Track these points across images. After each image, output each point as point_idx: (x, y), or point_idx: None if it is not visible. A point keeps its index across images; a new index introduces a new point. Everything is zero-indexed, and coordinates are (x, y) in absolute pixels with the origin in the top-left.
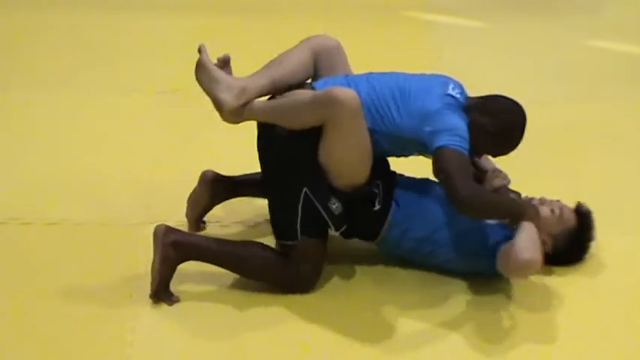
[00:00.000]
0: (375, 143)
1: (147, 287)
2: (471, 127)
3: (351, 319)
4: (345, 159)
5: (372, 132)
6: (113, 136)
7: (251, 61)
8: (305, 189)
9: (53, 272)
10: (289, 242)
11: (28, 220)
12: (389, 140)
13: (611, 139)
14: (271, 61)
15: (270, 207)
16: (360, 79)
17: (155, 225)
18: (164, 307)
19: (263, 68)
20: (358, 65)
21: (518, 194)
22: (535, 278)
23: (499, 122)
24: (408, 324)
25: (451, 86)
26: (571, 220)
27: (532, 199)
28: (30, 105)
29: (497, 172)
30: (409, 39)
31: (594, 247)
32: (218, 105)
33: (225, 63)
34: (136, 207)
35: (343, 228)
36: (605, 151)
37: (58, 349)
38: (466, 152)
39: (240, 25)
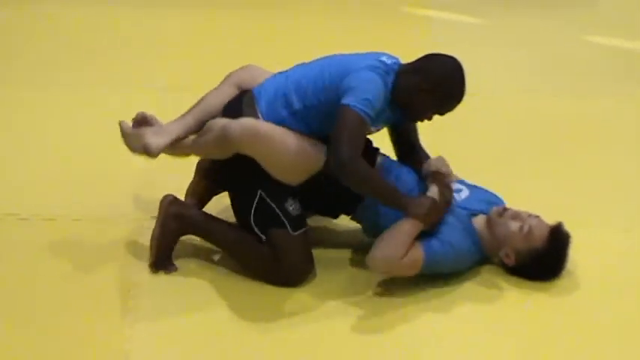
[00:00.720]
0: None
1: (146, 282)
2: (409, 89)
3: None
4: (281, 171)
5: (309, 108)
6: (111, 131)
7: (248, 56)
8: (260, 191)
9: (51, 267)
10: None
11: (26, 216)
12: (317, 109)
13: (606, 133)
14: (197, 102)
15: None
16: (293, 69)
17: (152, 217)
18: (163, 302)
19: (189, 109)
20: None
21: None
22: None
23: (431, 77)
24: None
25: (384, 57)
26: (540, 239)
27: (507, 210)
28: (27, 101)
29: (440, 160)
30: (406, 35)
31: (567, 267)
32: (146, 152)
33: (140, 122)
34: (133, 202)
35: (302, 230)
36: (600, 146)
37: (55, 344)
38: (368, 119)
39: (236, 21)
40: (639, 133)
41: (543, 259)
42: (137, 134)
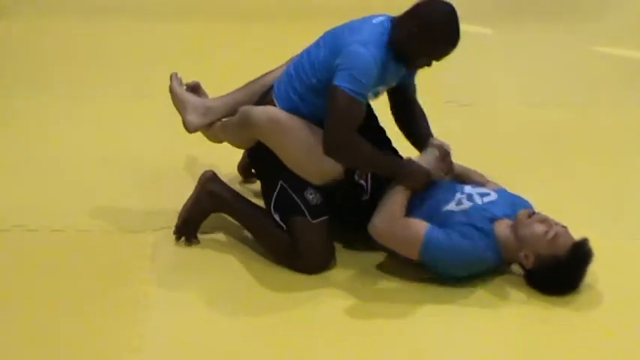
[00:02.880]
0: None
1: (153, 293)
2: (400, 37)
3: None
4: (293, 166)
5: (310, 89)
6: (118, 142)
7: (231, 67)
8: (281, 182)
9: (58, 279)
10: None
11: (34, 227)
12: (318, 89)
13: (612, 143)
14: (254, 79)
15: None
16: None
17: (161, 228)
18: (173, 312)
19: (238, 88)
20: None
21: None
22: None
23: (423, 20)
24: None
25: (375, 19)
26: (563, 248)
27: (536, 214)
28: (33, 112)
29: (440, 141)
30: None
31: (576, 289)
32: (185, 125)
33: (194, 89)
34: (140, 213)
35: (323, 218)
36: (606, 156)
37: (63, 355)
38: (359, 96)
39: (224, 31)
40: None
41: (562, 268)
42: (182, 100)
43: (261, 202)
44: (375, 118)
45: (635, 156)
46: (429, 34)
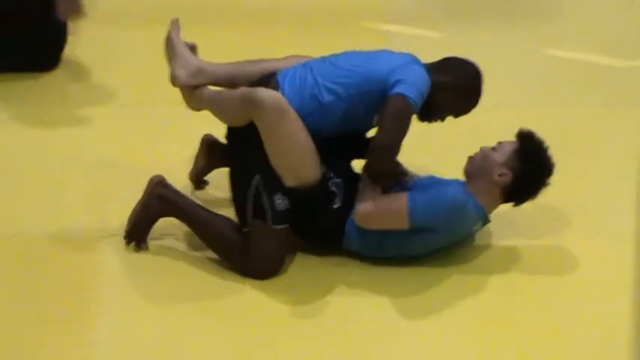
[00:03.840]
0: (328, 114)
1: (104, 299)
2: (433, 87)
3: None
4: (281, 158)
5: (327, 104)
6: (72, 148)
7: None
8: (257, 177)
9: (6, 286)
10: (245, 229)
11: None
12: (350, 101)
13: (570, 145)
14: (254, 60)
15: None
16: (314, 62)
17: (111, 235)
18: (123, 318)
19: (232, 63)
20: None
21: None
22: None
23: (458, 77)
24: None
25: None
26: (512, 143)
27: (474, 154)
28: None
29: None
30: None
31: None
32: (172, 78)
33: (192, 48)
34: (93, 220)
35: (284, 226)
36: (565, 157)
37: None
38: (417, 108)
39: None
40: (602, 145)
41: (528, 153)
42: (176, 50)
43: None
44: None
45: (587, 157)
46: (462, 92)
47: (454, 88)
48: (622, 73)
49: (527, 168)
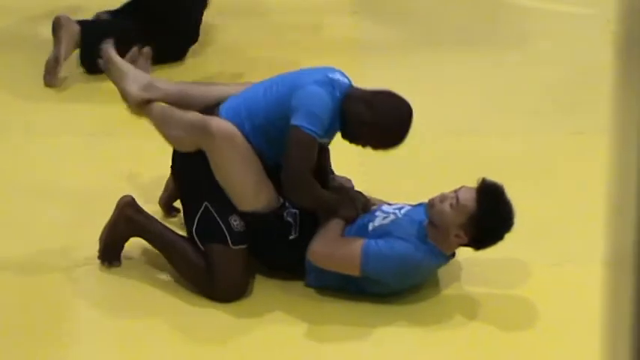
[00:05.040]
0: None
1: (76, 329)
2: (348, 114)
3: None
4: (229, 186)
5: (259, 128)
6: (41, 177)
7: None
8: (206, 203)
9: None
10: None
11: None
12: (277, 129)
13: (536, 169)
14: (203, 82)
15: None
16: (250, 88)
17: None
18: (96, 348)
19: (192, 82)
20: None
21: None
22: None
23: (378, 115)
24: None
25: (337, 74)
26: (471, 203)
27: (433, 199)
28: None
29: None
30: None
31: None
32: (123, 96)
33: (137, 56)
34: (63, 249)
35: (243, 246)
36: (530, 182)
37: None
38: (317, 136)
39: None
40: (569, 171)
41: (486, 215)
42: (121, 69)
43: (181, 232)
44: None
45: (555, 182)
46: (379, 130)
47: (371, 123)
48: (592, 98)
49: (483, 232)
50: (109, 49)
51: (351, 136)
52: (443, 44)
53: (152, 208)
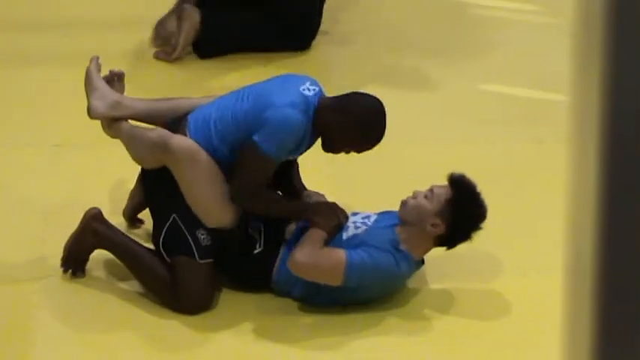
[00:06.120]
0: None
1: (39, 344)
2: (325, 126)
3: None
4: (193, 203)
5: (229, 141)
6: (4, 189)
7: None
8: (174, 215)
9: None
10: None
11: None
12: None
13: (497, 177)
14: (170, 98)
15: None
16: (222, 97)
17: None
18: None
19: (150, 99)
20: None
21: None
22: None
23: (353, 118)
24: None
25: (307, 85)
26: (446, 191)
27: (405, 199)
28: None
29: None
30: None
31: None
32: (89, 110)
33: (114, 76)
34: (25, 262)
35: (209, 260)
36: (495, 193)
37: None
38: (273, 157)
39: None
40: (531, 180)
41: (461, 202)
42: (94, 85)
43: (147, 244)
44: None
45: (517, 191)
46: (358, 132)
47: (349, 127)
48: (552, 108)
49: (460, 217)
50: (92, 62)
51: (333, 146)
52: (405, 53)
53: (117, 219)
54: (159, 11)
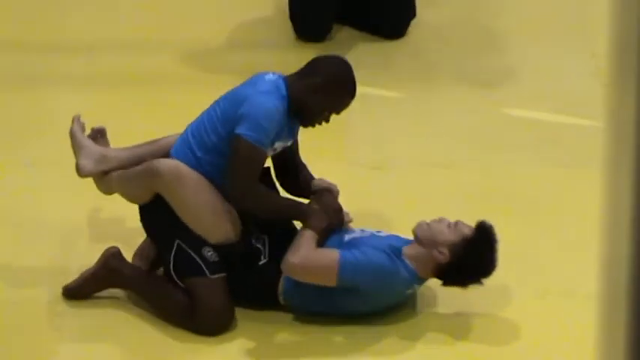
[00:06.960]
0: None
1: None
2: (304, 92)
3: None
4: (190, 221)
5: (211, 150)
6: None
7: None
8: (177, 241)
9: None
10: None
11: None
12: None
13: (521, 202)
14: (151, 140)
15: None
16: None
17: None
18: None
19: (136, 145)
20: None
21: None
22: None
23: (322, 77)
24: None
25: (270, 73)
26: (469, 230)
27: (430, 220)
28: None
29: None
30: None
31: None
32: (77, 169)
33: (97, 133)
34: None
35: (221, 274)
36: (519, 216)
37: None
38: (261, 145)
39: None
40: (557, 204)
41: (475, 248)
42: (79, 144)
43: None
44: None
45: (544, 215)
46: (332, 88)
47: (321, 88)
48: (578, 132)
49: (468, 258)
50: (74, 122)
51: (311, 115)
52: (431, 76)
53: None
54: (180, 34)
